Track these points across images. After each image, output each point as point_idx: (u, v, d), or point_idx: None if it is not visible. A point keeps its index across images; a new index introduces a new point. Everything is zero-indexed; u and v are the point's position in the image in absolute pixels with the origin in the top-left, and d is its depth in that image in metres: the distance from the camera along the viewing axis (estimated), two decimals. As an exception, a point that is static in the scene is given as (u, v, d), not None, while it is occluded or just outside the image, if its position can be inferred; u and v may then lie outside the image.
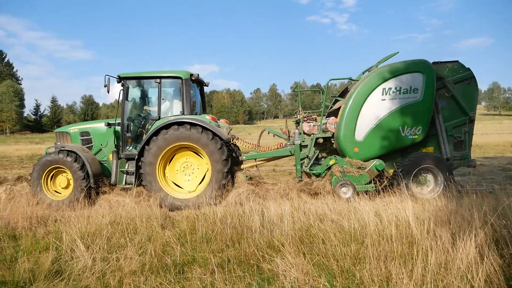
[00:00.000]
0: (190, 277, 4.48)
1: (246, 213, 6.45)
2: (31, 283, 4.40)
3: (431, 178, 8.88)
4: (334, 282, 4.22)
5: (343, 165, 8.86)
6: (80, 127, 10.32)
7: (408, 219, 5.48)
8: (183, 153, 9.29)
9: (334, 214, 6.55)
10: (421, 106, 8.84)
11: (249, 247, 5.16)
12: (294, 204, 7.30)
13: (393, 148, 9.06)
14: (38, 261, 4.97)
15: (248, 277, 4.47)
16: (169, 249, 5.34)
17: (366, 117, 8.93)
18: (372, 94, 8.90)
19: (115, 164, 9.42)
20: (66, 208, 8.57)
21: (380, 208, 6.44)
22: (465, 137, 9.20)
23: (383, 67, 9.12)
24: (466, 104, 9.14)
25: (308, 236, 5.52)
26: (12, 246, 5.70)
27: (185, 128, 8.85)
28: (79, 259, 4.94)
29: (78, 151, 9.32)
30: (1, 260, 5.05)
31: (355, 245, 5.01)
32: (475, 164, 9.45)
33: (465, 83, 9.15)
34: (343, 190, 8.53)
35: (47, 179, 9.46)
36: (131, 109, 10.02)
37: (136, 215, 6.70)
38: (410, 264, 4.25)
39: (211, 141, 8.81)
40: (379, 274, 4.17)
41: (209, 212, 6.68)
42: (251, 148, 10.09)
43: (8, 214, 6.97)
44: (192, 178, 9.33)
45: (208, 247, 5.37)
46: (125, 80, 9.58)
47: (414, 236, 4.96)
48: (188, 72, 9.58)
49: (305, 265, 4.48)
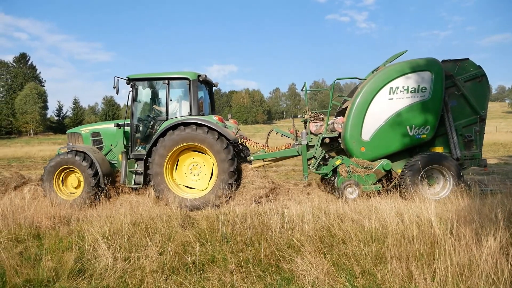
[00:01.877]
0: (210, 277, 4.49)
1: (266, 213, 6.45)
2: (55, 282, 4.47)
3: (440, 178, 8.74)
4: (355, 282, 4.17)
5: (350, 165, 8.80)
6: (91, 128, 10.54)
7: (430, 218, 5.39)
8: (186, 155, 9.38)
9: (355, 213, 6.49)
10: (429, 105, 8.68)
11: (269, 247, 5.14)
12: (314, 204, 7.26)
13: (400, 148, 8.92)
14: (61, 260, 5.04)
15: (268, 277, 4.46)
16: (189, 249, 5.36)
17: (373, 116, 8.81)
18: (379, 93, 8.78)
19: (124, 164, 9.58)
20: (78, 208, 8.73)
21: (401, 207, 6.36)
22: (476, 136, 8.98)
23: (390, 66, 8.99)
24: (477, 103, 8.93)
25: (329, 236, 5.48)
26: (36, 245, 5.79)
27: (191, 129, 8.93)
28: (101, 258, 4.99)
29: (88, 152, 9.52)
30: (26, 259, 5.14)
31: (376, 245, 4.95)
32: (485, 164, 9.19)
33: (476, 81, 8.94)
34: (349, 190, 8.49)
35: (58, 179, 9.68)
36: (140, 110, 10.18)
37: (156, 215, 6.75)
38: (433, 264, 4.18)
39: (217, 141, 8.86)
40: (400, 274, 4.11)
41: (229, 212, 6.70)
42: (259, 148, 10.11)
43: (32, 214, 7.11)
44: (201, 176, 9.41)
45: (228, 247, 5.37)
46: (134, 81, 9.75)
47: (436, 236, 4.88)
48: (195, 73, 9.66)
49: (325, 265, 4.45)
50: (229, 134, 9.18)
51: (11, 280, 4.41)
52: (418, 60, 8.85)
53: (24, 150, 36.97)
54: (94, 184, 9.33)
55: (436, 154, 8.77)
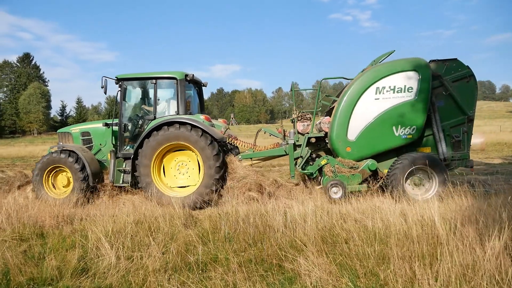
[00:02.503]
0: (212, 276, 4.49)
1: (269, 213, 6.45)
2: (58, 280, 4.49)
3: (425, 179, 8.70)
4: (358, 282, 4.17)
5: (335, 165, 8.80)
6: (81, 127, 10.64)
7: (434, 218, 5.38)
8: (170, 156, 9.47)
9: (358, 213, 6.48)
10: (415, 106, 8.63)
11: (272, 247, 5.15)
12: (317, 203, 7.26)
13: (386, 148, 8.89)
14: (65, 258, 5.06)
15: (271, 276, 4.46)
16: (191, 248, 5.37)
17: (359, 116, 8.77)
18: (365, 93, 8.74)
19: (112, 163, 9.64)
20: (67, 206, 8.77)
21: (405, 207, 6.35)
22: (463, 137, 8.92)
23: (377, 66, 8.94)
24: (465, 103, 8.86)
25: (331, 236, 5.48)
26: (39, 244, 5.82)
27: (174, 128, 9.01)
28: (104, 257, 5.01)
29: (77, 151, 9.60)
30: (30, 258, 5.17)
31: (379, 245, 4.94)
32: (472, 164, 9.10)
33: (464, 82, 8.86)
34: (334, 190, 8.46)
35: (48, 178, 9.79)
36: (129, 110, 10.28)
37: (159, 214, 6.76)
38: (436, 264, 4.17)
39: (201, 137, 8.91)
40: (403, 274, 4.10)
41: (232, 212, 6.70)
42: (247, 147, 10.17)
43: (36, 213, 7.14)
44: (190, 172, 9.48)
45: (231, 246, 5.38)
46: (122, 81, 9.83)
47: (439, 236, 4.86)
48: (183, 72, 9.72)
49: (328, 265, 4.45)
50: (215, 133, 9.23)
51: (15, 279, 4.43)
52: (404, 60, 8.82)
53: (27, 149, 37.09)
54: (83, 183, 9.41)
55: (421, 155, 8.70)
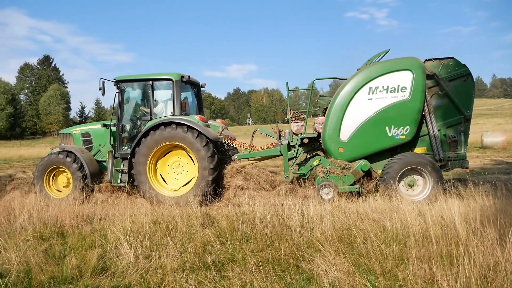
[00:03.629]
0: (230, 276, 4.50)
1: (285, 212, 6.44)
2: (78, 279, 4.55)
3: (419, 180, 8.58)
4: (376, 282, 4.13)
5: (327, 165, 8.73)
6: (81, 128, 10.94)
7: (454, 218, 5.30)
8: (166, 157, 9.70)
9: (376, 213, 6.42)
10: (409, 106, 8.49)
11: (289, 247, 5.14)
12: (334, 203, 7.22)
13: (379, 149, 8.79)
14: (85, 257, 5.12)
15: (288, 276, 4.45)
16: (209, 248, 5.39)
17: (352, 116, 8.69)
18: (358, 93, 8.65)
19: (110, 163, 9.86)
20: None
21: (424, 207, 6.27)
22: (460, 137, 8.73)
23: (371, 66, 8.84)
24: (462, 103, 8.65)
25: (349, 236, 5.44)
26: (60, 243, 5.90)
27: (171, 128, 9.15)
28: (123, 257, 5.07)
29: (76, 152, 9.83)
30: (50, 257, 5.25)
31: (398, 246, 4.89)
32: (467, 165, 8.88)
33: (460, 81, 8.66)
34: (325, 191, 8.42)
35: (49, 178, 10.04)
36: (126, 111, 10.47)
37: (176, 214, 6.81)
38: (456, 265, 4.10)
39: (197, 139, 9.03)
40: (423, 275, 4.05)
41: (248, 211, 6.71)
42: (244, 147, 10.26)
43: (56, 213, 7.25)
44: (185, 173, 9.70)
45: (248, 246, 5.38)
46: (120, 83, 10.04)
47: (460, 237, 4.79)
48: (179, 74, 9.90)
49: (346, 265, 4.42)
50: (210, 133, 9.37)
51: (36, 277, 4.51)
52: (398, 60, 8.72)
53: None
54: (82, 183, 9.61)
55: (414, 155, 8.61)
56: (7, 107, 77.52)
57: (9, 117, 77.87)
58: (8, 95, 79.67)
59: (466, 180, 9.91)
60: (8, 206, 7.87)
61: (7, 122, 77.00)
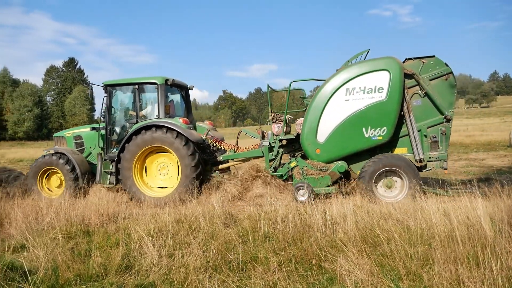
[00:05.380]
0: (252, 275, 4.51)
1: (308, 212, 6.42)
2: (103, 277, 4.63)
3: (397, 181, 8.44)
4: (400, 283, 4.08)
5: (304, 167, 8.67)
6: (74, 131, 11.28)
7: (480, 219, 5.19)
8: (152, 158, 9.92)
9: (400, 213, 6.34)
10: (386, 106, 8.32)
11: (311, 246, 5.12)
12: (357, 203, 7.17)
13: (355, 150, 8.67)
14: (110, 256, 5.20)
15: (310, 276, 4.43)
16: (231, 247, 5.42)
17: (329, 118, 8.60)
18: (335, 94, 8.55)
19: (99, 165, 10.19)
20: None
21: (449, 207, 6.16)
22: (441, 137, 8.50)
23: (348, 66, 8.73)
24: (443, 102, 8.43)
25: (372, 236, 5.38)
26: (86, 242, 6.03)
27: (151, 131, 9.40)
28: (147, 255, 5.14)
29: (68, 154, 10.16)
30: (77, 255, 5.35)
31: (422, 246, 4.82)
32: (446, 166, 8.61)
33: (442, 80, 8.46)
34: (301, 192, 8.35)
35: (42, 179, 10.39)
36: (114, 114, 10.75)
37: (199, 213, 6.86)
38: (482, 267, 4.02)
39: (176, 139, 9.24)
40: (448, 277, 3.98)
41: (270, 211, 6.71)
42: (229, 148, 10.34)
43: (82, 211, 7.40)
44: (170, 173, 9.90)
45: (270, 246, 5.38)
46: (108, 87, 10.34)
47: (487, 237, 4.69)
48: (163, 77, 10.09)
49: (369, 266, 4.37)
50: (192, 135, 9.52)
51: (63, 275, 4.60)
52: (376, 60, 8.58)
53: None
54: (74, 183, 9.90)
55: (391, 156, 8.47)
56: (34, 109, 79.32)
57: (36, 119, 79.68)
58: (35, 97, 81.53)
59: (491, 179, 9.70)
60: (36, 205, 8.09)
61: (34, 123, 78.79)
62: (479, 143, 23.26)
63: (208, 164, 10.24)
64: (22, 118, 77.42)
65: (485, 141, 23.57)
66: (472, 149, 20.59)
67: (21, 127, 77.12)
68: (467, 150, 20.57)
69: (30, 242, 5.57)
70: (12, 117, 77.48)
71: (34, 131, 78.99)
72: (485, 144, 22.71)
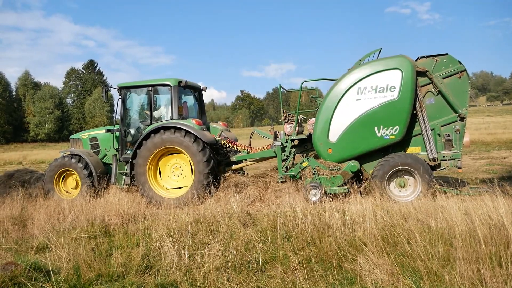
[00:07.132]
0: (271, 275, 4.51)
1: (326, 212, 6.39)
2: (124, 277, 4.69)
3: (410, 180, 8.30)
4: (421, 283, 4.03)
5: (316, 166, 8.61)
6: (89, 133, 11.45)
7: (502, 218, 5.09)
8: (165, 159, 9.98)
9: (420, 213, 6.27)
10: (398, 105, 8.20)
11: (331, 246, 5.09)
12: (376, 203, 7.10)
13: (368, 150, 8.55)
14: (130, 256, 5.26)
15: (330, 276, 4.41)
16: (250, 247, 5.43)
17: (341, 118, 8.51)
18: (347, 94, 8.45)
19: (114, 167, 10.33)
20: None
21: (469, 206, 6.06)
22: (455, 135, 8.32)
23: (360, 66, 8.62)
24: (457, 100, 8.25)
25: (392, 236, 5.33)
26: (106, 242, 6.11)
27: (170, 132, 9.46)
28: (167, 255, 5.18)
29: (83, 155, 10.29)
30: (98, 255, 5.43)
31: (443, 246, 4.75)
32: (460, 165, 8.41)
33: (455, 78, 8.27)
34: (313, 192, 8.31)
35: (59, 181, 10.55)
36: (129, 116, 10.86)
37: (218, 214, 6.89)
38: (505, 267, 3.94)
39: (193, 143, 9.26)
40: (470, 277, 3.91)
41: (289, 211, 6.70)
42: (242, 149, 10.33)
43: (103, 212, 7.51)
44: (185, 173, 9.96)
45: (289, 245, 5.38)
46: (122, 89, 10.43)
47: (510, 237, 4.60)
48: (176, 79, 10.13)
49: (389, 266, 4.33)
50: (206, 136, 9.57)
51: (85, 274, 4.68)
52: (387, 59, 8.46)
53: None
54: (90, 184, 10.06)
55: (404, 156, 8.34)
56: (55, 111, 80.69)
57: (57, 121, 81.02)
58: (55, 99, 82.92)
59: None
60: (58, 206, 8.24)
61: (55, 125, 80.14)
62: (501, 141, 22.75)
63: (222, 165, 10.29)
64: (43, 120, 78.82)
65: (507, 139, 23.04)
66: (494, 147, 20.18)
67: (43, 129, 78.55)
68: (488, 148, 20.17)
69: (53, 243, 5.67)
70: (33, 119, 78.99)
71: (55, 133, 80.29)
72: (507, 142, 22.20)
